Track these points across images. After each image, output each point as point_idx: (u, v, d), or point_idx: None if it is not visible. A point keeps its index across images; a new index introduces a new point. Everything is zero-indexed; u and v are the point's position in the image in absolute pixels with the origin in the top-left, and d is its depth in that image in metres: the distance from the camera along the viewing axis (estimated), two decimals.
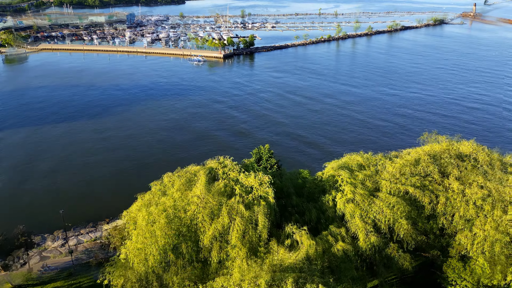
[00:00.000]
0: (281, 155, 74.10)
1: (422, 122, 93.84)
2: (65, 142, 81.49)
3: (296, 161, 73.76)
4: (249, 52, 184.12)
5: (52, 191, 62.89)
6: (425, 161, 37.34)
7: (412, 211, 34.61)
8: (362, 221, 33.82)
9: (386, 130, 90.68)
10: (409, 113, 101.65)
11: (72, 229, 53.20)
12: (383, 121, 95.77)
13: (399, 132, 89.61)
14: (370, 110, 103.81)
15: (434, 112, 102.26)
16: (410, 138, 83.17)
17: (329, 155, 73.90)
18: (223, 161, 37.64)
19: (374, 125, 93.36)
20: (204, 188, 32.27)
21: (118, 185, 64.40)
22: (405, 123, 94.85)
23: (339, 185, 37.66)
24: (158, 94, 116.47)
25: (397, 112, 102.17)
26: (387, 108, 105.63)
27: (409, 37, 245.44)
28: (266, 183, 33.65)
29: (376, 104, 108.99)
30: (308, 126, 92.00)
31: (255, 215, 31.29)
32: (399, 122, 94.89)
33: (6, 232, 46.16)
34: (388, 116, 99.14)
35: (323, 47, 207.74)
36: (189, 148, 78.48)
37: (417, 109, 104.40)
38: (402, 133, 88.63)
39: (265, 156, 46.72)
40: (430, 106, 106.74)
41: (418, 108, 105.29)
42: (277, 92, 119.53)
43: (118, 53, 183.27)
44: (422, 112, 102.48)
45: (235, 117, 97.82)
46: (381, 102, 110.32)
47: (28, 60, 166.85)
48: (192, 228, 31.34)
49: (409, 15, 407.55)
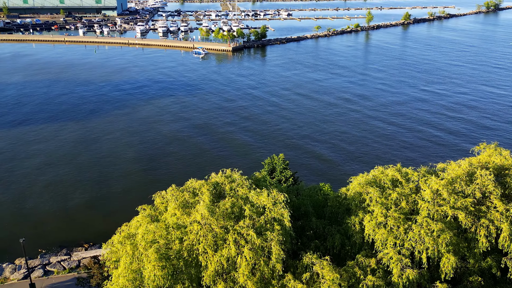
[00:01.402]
0: (297, 165, 73.97)
1: (480, 132, 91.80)
2: (41, 147, 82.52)
3: (315, 173, 72.73)
4: (260, 45, 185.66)
5: (17, 207, 63.13)
6: (483, 177, 35.40)
7: (461, 242, 33.84)
8: (397, 251, 33.26)
9: (428, 139, 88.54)
10: (461, 118, 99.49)
11: (39, 257, 50.63)
12: (427, 128, 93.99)
13: (445, 141, 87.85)
14: (410, 114, 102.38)
15: (494, 119, 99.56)
16: (461, 150, 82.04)
17: (355, 168, 73.15)
18: (231, 174, 37.46)
19: (415, 133, 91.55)
20: (206, 210, 32.06)
21: (102, 201, 64.63)
22: (457, 130, 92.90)
23: (367, 205, 37.26)
24: (152, 93, 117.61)
25: (446, 118, 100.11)
26: (432, 112, 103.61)
27: (456, 27, 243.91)
28: (281, 202, 33.34)
29: (417, 107, 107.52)
30: (330, 133, 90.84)
31: (268, 244, 30.99)
32: (448, 130, 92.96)
33: None
34: (434, 122, 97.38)
35: (349, 38, 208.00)
36: (188, 159, 78.71)
37: (471, 115, 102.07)
38: (451, 143, 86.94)
39: (279, 168, 46.65)
40: (487, 113, 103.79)
41: (473, 114, 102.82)
42: (292, 92, 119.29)
43: (107, 44, 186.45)
44: (479, 118, 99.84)
45: (242, 121, 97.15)
46: (425, 105, 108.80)
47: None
48: (191, 263, 31.12)
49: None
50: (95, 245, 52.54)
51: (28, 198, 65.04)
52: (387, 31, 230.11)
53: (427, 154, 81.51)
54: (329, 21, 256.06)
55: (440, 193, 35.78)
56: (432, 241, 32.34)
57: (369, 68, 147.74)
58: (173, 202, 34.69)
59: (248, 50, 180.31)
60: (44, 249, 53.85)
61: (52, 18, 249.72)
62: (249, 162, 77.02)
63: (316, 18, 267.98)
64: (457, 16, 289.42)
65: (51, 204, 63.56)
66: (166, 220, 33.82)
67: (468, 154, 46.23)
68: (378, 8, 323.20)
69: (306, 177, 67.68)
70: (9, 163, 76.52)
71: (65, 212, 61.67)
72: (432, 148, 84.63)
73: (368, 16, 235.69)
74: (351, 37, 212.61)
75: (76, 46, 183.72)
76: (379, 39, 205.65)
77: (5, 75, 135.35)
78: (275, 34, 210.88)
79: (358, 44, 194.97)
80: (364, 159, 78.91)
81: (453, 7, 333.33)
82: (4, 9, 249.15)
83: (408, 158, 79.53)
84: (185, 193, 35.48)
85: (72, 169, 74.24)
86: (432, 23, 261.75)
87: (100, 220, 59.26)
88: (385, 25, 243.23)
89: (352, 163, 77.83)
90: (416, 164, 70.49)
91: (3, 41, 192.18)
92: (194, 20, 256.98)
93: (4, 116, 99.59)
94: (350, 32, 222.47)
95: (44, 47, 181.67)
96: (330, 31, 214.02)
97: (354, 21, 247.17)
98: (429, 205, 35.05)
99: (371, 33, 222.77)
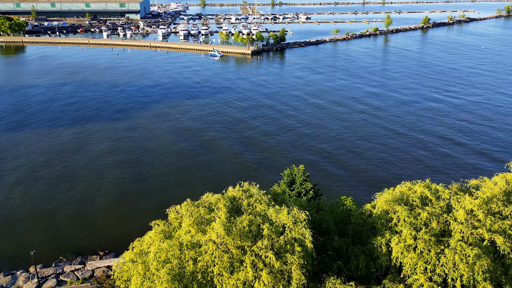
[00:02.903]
0: (316, 172, 71.14)
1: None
2: (66, 149, 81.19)
3: (336, 186, 68.45)
4: (279, 48, 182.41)
5: (39, 209, 61.64)
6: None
7: (498, 268, 30.35)
8: (428, 277, 29.95)
9: (456, 150, 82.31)
10: (494, 128, 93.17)
11: (54, 265, 48.53)
12: (456, 138, 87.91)
13: (475, 154, 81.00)
14: (437, 124, 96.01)
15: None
16: (494, 161, 77.11)
17: (380, 182, 68.72)
18: (248, 188, 34.67)
19: (442, 143, 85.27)
20: (222, 228, 29.30)
21: (124, 208, 62.55)
22: (490, 140, 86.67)
23: (395, 224, 33.97)
24: (172, 96, 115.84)
25: (477, 128, 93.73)
26: (461, 120, 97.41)
27: (478, 31, 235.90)
28: (302, 221, 30.41)
29: (443, 114, 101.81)
30: (352, 144, 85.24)
31: (288, 267, 28.08)
32: (478, 144, 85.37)
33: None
34: (464, 132, 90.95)
35: (368, 42, 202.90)
36: (204, 168, 75.94)
37: (506, 123, 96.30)
38: (483, 156, 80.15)
39: (298, 179, 43.62)
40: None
41: (508, 121, 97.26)
42: (312, 98, 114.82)
43: (129, 47, 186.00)
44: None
45: (260, 128, 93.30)
46: (452, 114, 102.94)
47: (25, 53, 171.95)
48: (205, 285, 28.43)
49: (472, 3, 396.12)
50: (110, 254, 50.41)
51: (51, 201, 63.53)
52: (407, 34, 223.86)
53: (454, 166, 75.77)
54: (348, 25, 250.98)
55: (475, 213, 32.27)
56: (467, 268, 28.90)
57: (392, 74, 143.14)
58: (187, 217, 32.05)
59: (267, 53, 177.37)
60: (60, 254, 52.05)
61: (78, 21, 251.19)
62: (269, 169, 74.16)
63: (334, 22, 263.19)
64: (477, 20, 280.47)
65: (73, 207, 61.95)
66: (180, 237, 31.22)
67: (501, 169, 42.39)
68: (397, 12, 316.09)
69: (326, 189, 63.81)
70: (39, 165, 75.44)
71: (85, 216, 59.89)
72: (460, 160, 78.22)
73: (387, 20, 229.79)
74: (370, 40, 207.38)
75: (100, 49, 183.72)
76: (399, 41, 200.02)
77: (31, 75, 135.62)
78: (294, 37, 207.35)
79: (378, 47, 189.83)
80: (387, 169, 74.60)
81: (472, 11, 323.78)
82: (33, 12, 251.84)
83: (436, 170, 74.19)
84: (201, 208, 32.80)
85: (95, 171, 72.68)
86: (451, 27, 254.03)
87: (118, 226, 57.35)
88: (404, 29, 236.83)
89: (375, 174, 73.06)
90: (445, 178, 64.64)
91: (31, 43, 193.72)
92: (215, 24, 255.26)
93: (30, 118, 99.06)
94: (369, 35, 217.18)
95: (70, 49, 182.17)
96: (349, 35, 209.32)
97: (372, 25, 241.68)
98: (463, 227, 31.57)
99: (390, 37, 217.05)
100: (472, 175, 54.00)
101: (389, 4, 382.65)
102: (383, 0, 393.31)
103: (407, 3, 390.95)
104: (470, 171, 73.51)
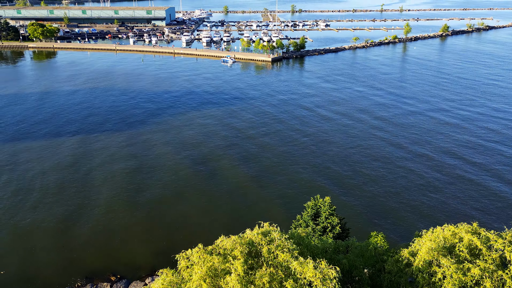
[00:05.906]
0: (344, 209, 56.84)
1: None
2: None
3: (365, 221, 56.33)
4: (299, 56, 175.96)
5: (58, 225, 57.40)
6: None
7: None
8: None
9: (499, 184, 65.51)
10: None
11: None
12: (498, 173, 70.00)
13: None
14: (472, 151, 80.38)
15: None
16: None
17: (414, 219, 54.87)
18: (269, 231, 28.88)
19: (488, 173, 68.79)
20: (239, 286, 23.72)
21: (136, 229, 57.05)
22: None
23: (439, 279, 27.62)
24: (194, 102, 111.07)
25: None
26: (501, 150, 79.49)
27: (497, 39, 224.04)
28: (333, 280, 24.52)
29: (484, 138, 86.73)
30: (382, 169, 70.25)
31: None
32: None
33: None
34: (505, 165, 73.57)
35: (387, 50, 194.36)
36: (220, 199, 63.27)
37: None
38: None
39: (324, 213, 37.57)
40: None
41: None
42: (335, 112, 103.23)
43: (154, 53, 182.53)
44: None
45: (278, 150, 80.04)
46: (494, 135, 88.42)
47: (56, 58, 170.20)
48: None
49: (490, 11, 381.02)
50: (121, 281, 45.35)
51: (71, 217, 59.16)
52: (425, 42, 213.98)
53: (499, 201, 58.73)
54: (367, 32, 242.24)
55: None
56: None
57: (416, 85, 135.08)
58: (199, 267, 26.47)
59: (286, 61, 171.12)
60: (72, 276, 47.43)
61: (107, 27, 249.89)
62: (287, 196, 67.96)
63: (353, 29, 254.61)
64: (496, 28, 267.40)
65: (86, 227, 57.30)
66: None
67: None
68: (415, 20, 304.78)
69: (354, 224, 52.17)
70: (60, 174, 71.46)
71: (101, 237, 54.81)
72: (506, 195, 61.48)
73: (406, 28, 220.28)
74: (389, 48, 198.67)
75: (126, 55, 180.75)
76: (419, 51, 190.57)
77: (57, 83, 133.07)
78: (313, 44, 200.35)
79: (398, 55, 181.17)
80: (421, 207, 57.43)
81: (490, 19, 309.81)
82: (65, 19, 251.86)
83: (478, 209, 56.38)
84: (214, 256, 27.14)
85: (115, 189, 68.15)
86: (470, 35, 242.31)
87: (132, 248, 52.33)
88: (423, 36, 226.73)
89: (410, 203, 59.34)
90: (488, 218, 52.22)
91: (62, 48, 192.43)
92: (236, 30, 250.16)
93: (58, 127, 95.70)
94: (388, 43, 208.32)
95: (98, 55, 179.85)
96: (368, 42, 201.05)
97: (391, 33, 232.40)
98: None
99: (409, 44, 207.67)
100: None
101: (407, 11, 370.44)
102: (401, 7, 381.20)
103: (425, 10, 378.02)
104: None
